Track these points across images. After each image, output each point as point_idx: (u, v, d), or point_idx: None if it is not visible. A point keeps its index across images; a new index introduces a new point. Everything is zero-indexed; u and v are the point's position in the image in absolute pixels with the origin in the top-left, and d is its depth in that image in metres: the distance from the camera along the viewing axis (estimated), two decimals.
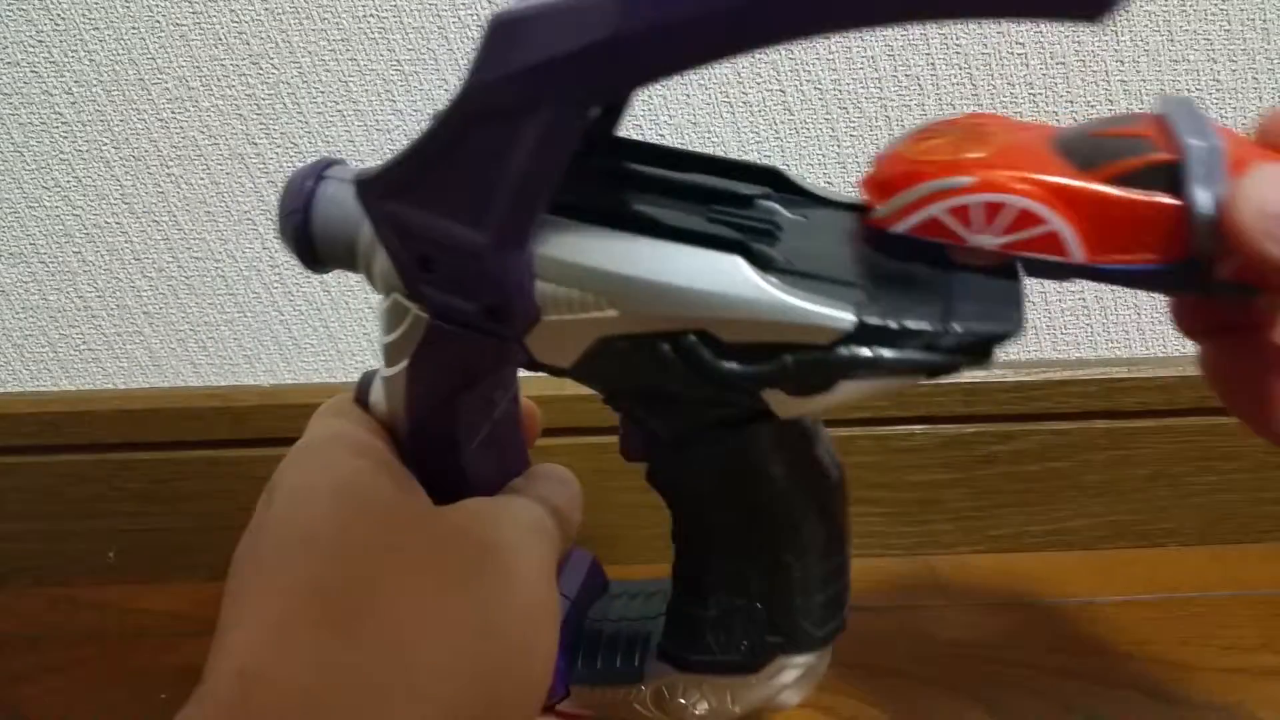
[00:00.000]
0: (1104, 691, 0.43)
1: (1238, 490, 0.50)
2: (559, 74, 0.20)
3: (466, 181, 0.22)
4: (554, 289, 0.23)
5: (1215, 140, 0.22)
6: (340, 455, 0.27)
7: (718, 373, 0.23)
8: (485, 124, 0.21)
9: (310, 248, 0.27)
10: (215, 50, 0.43)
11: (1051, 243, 0.22)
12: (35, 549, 0.53)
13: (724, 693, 0.30)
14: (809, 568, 0.28)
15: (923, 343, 0.22)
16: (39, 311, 0.49)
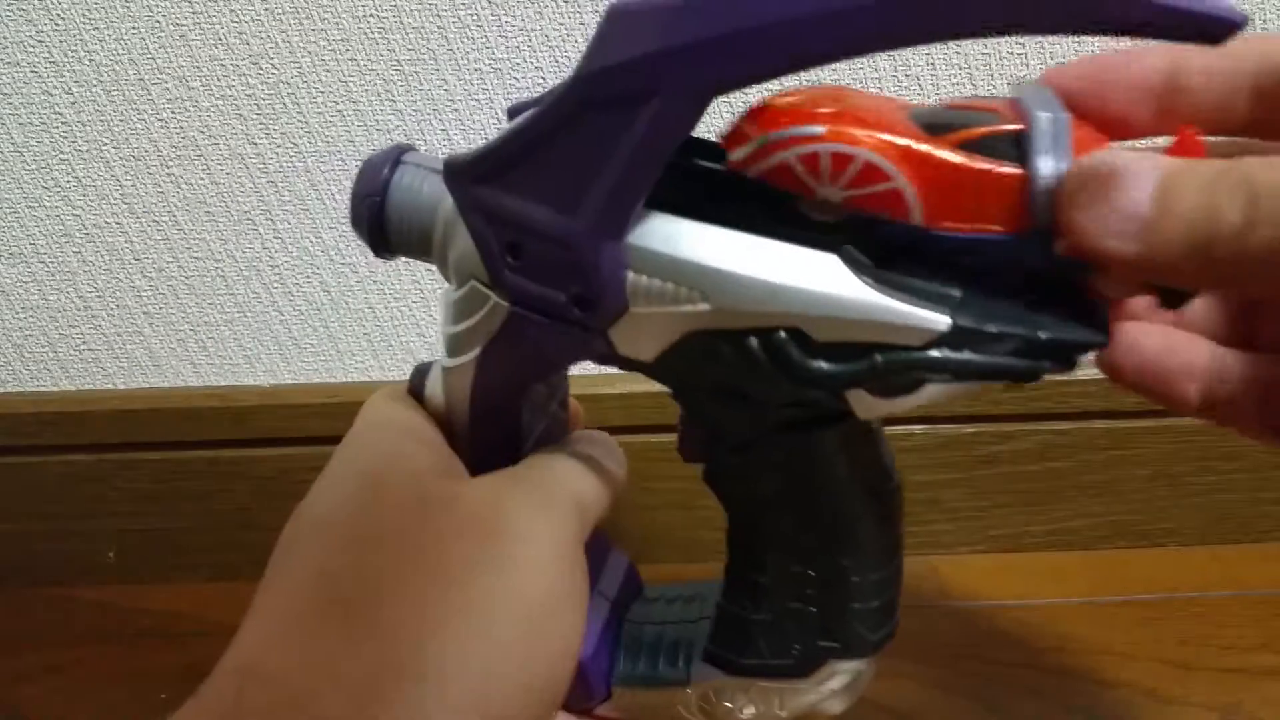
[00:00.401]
0: (1104, 691, 0.43)
1: (1238, 490, 0.50)
2: (679, 63, 0.20)
3: (569, 168, 0.22)
4: (645, 280, 0.23)
5: (1062, 115, 0.22)
6: (387, 438, 0.27)
7: (805, 371, 0.23)
8: (597, 111, 0.21)
9: (383, 233, 0.26)
10: (215, 50, 0.43)
11: (894, 200, 0.22)
12: (35, 549, 0.53)
13: (772, 698, 0.30)
14: (866, 573, 0.28)
15: (1011, 348, 0.22)
16: (39, 311, 0.49)
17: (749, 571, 0.29)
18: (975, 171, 0.22)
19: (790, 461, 0.27)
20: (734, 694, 0.30)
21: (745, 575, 0.29)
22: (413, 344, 0.49)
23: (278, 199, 0.46)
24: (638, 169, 0.21)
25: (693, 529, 0.50)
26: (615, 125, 0.21)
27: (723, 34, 0.19)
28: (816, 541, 0.28)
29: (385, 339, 0.49)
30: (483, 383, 0.27)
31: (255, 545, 0.52)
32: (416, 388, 0.29)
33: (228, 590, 0.52)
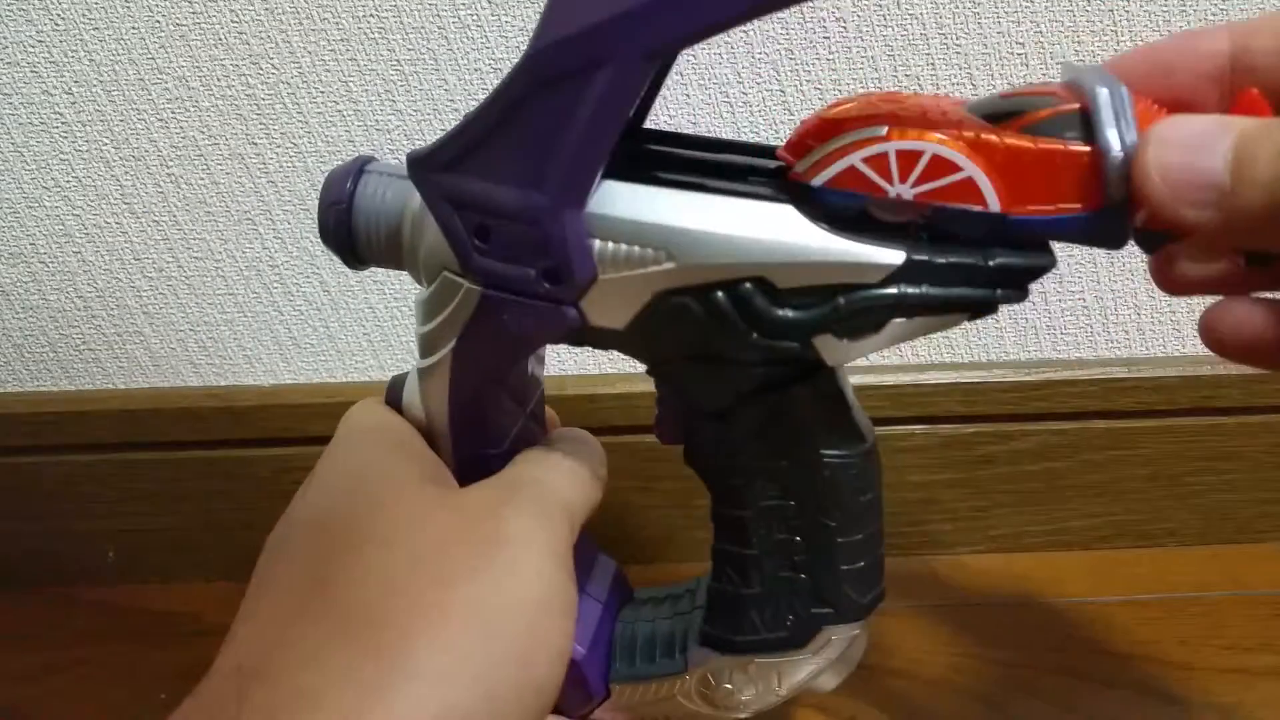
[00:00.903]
0: (1104, 691, 0.43)
1: (1238, 490, 0.50)
2: (626, 30, 0.20)
3: (527, 146, 0.22)
4: (612, 246, 0.24)
5: (1122, 89, 0.22)
6: (374, 446, 0.27)
7: (772, 320, 0.24)
8: (548, 87, 0.22)
9: (352, 243, 0.27)
10: (215, 50, 0.43)
11: (969, 190, 0.22)
12: (35, 549, 0.53)
13: (770, 673, 0.30)
14: (851, 532, 0.29)
15: (964, 276, 0.23)
16: (39, 311, 0.49)
17: (736, 546, 0.29)
18: (1046, 152, 0.22)
19: (768, 425, 0.27)
20: (732, 674, 0.31)
21: (733, 550, 0.30)
22: (412, 344, 0.49)
23: (278, 199, 0.46)
24: (595, 137, 0.22)
25: (692, 529, 0.50)
26: (569, 97, 0.21)
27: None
28: (800, 505, 0.28)
29: (385, 339, 0.49)
30: (460, 375, 0.27)
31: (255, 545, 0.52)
32: (394, 399, 0.30)
33: (228, 590, 0.51)
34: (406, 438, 0.28)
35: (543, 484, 0.27)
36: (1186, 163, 0.20)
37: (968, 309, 0.24)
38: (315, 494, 0.26)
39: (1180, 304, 0.48)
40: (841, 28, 0.42)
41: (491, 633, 0.23)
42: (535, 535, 0.25)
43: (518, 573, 0.24)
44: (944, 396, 0.48)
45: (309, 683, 0.22)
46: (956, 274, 0.23)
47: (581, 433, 0.31)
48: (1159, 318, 0.48)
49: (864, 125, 0.23)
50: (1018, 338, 0.49)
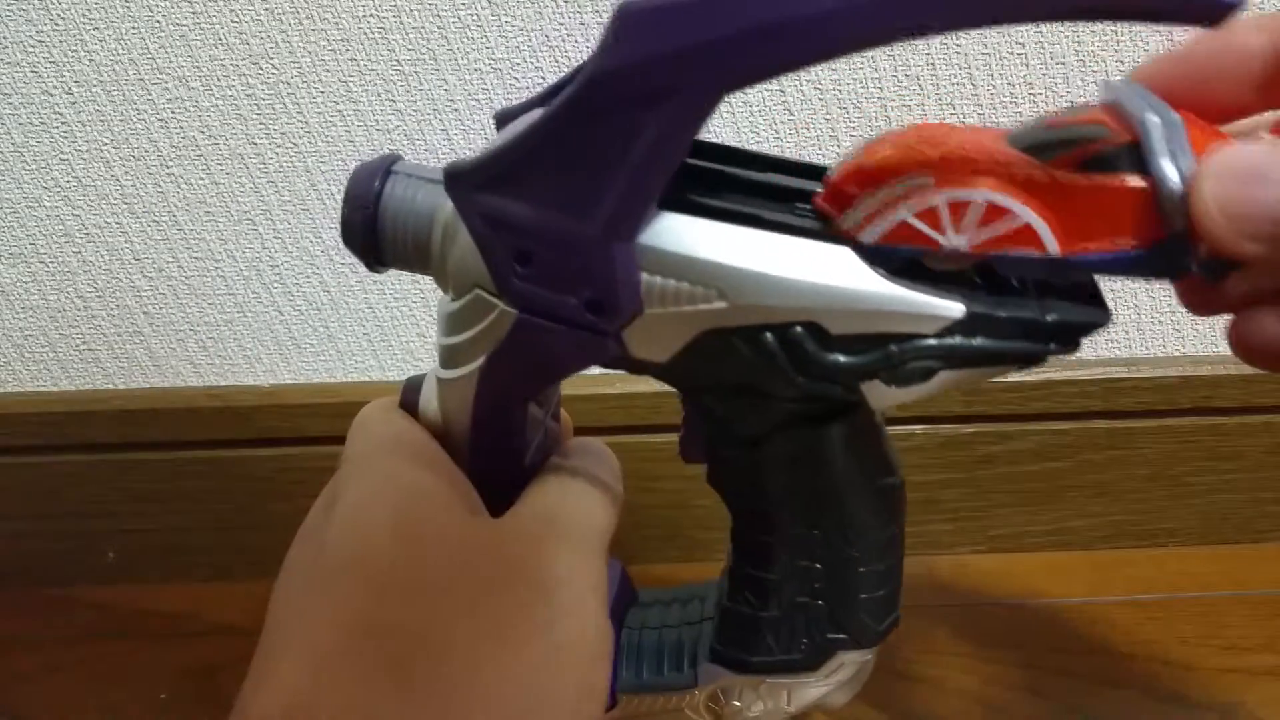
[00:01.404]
0: (1104, 691, 0.43)
1: (1238, 490, 0.50)
2: (705, 60, 0.20)
3: (580, 171, 0.22)
4: (660, 281, 0.23)
5: (1172, 115, 0.21)
6: (404, 467, 0.26)
7: (822, 365, 0.23)
8: (609, 113, 0.21)
9: (377, 247, 0.26)
10: (215, 50, 0.43)
11: (1026, 236, 0.22)
12: (35, 549, 0.53)
13: (781, 693, 0.30)
14: (872, 563, 0.28)
15: (1021, 330, 0.22)
16: (39, 311, 0.49)
17: (756, 569, 0.29)
18: (1100, 189, 0.21)
19: (799, 457, 0.27)
20: (742, 692, 0.31)
21: (752, 573, 0.29)
22: (413, 344, 0.49)
23: (278, 199, 0.46)
24: (653, 169, 0.21)
25: (692, 529, 0.50)
26: (631, 125, 0.21)
27: (744, 29, 0.19)
28: (824, 535, 0.28)
29: (385, 339, 0.49)
30: (487, 393, 0.26)
31: (255, 545, 0.52)
32: (409, 404, 0.29)
33: (228, 590, 0.52)
34: (437, 456, 0.27)
35: (579, 518, 0.26)
36: (1247, 195, 0.19)
37: (1020, 362, 0.23)
38: (353, 523, 0.25)
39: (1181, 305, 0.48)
40: None
41: (546, 688, 0.23)
42: (576, 574, 0.25)
43: (569, 625, 0.24)
44: (944, 396, 0.48)
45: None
46: (1014, 328, 0.22)
47: (598, 445, 0.31)
48: (1159, 318, 0.48)
49: (908, 173, 0.22)
50: None
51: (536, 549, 0.25)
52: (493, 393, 0.26)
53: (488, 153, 0.23)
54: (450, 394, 0.27)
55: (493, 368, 0.25)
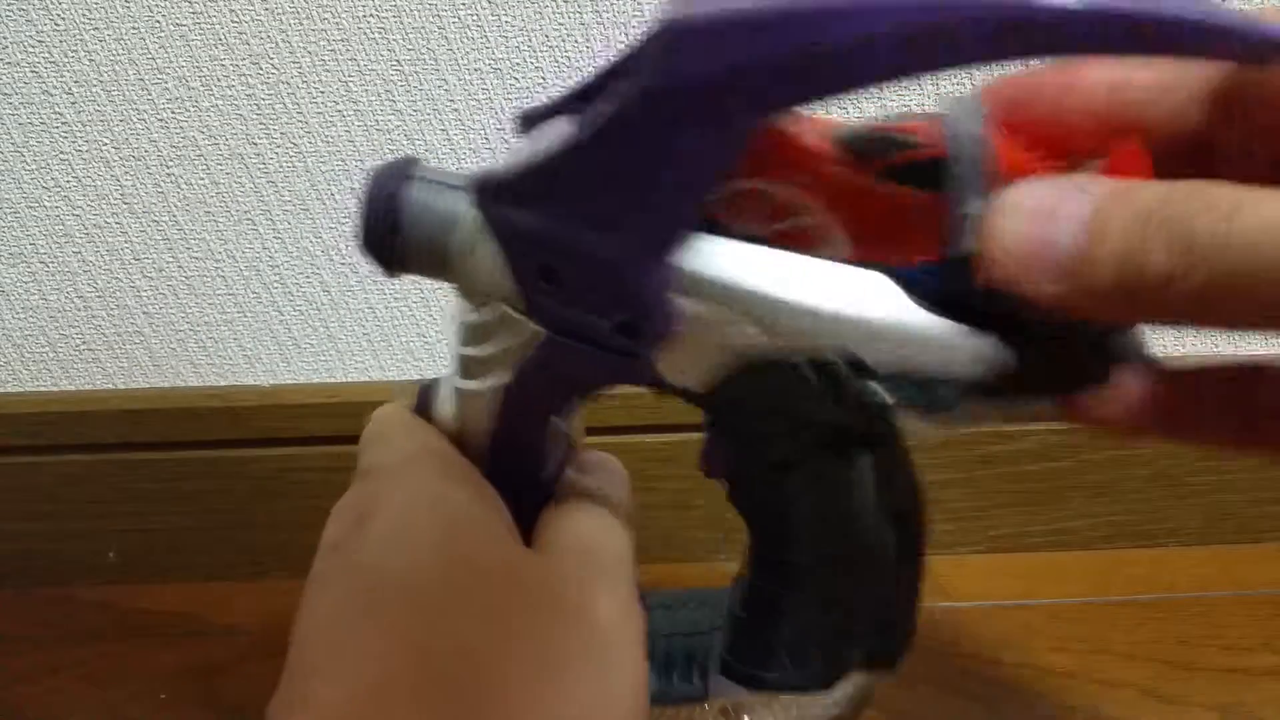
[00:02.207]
0: (1104, 691, 0.43)
1: (1238, 490, 0.50)
2: (753, 82, 0.19)
3: (618, 189, 0.21)
4: (694, 305, 0.22)
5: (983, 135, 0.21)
6: (444, 485, 0.25)
7: (861, 397, 0.22)
8: (649, 131, 0.20)
9: (396, 253, 0.25)
10: (215, 50, 0.43)
11: (817, 236, 0.22)
12: (35, 549, 0.53)
13: (791, 710, 0.30)
14: (892, 588, 0.28)
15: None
16: (39, 311, 0.49)
17: (774, 587, 0.29)
18: (894, 199, 0.21)
19: (826, 483, 0.26)
20: (755, 709, 0.30)
21: (769, 591, 0.29)
22: (413, 344, 0.49)
23: (278, 199, 0.46)
24: (694, 190, 0.20)
25: (691, 529, 0.50)
26: (674, 144, 0.20)
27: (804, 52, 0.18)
28: (846, 560, 0.27)
29: (385, 339, 0.49)
30: (511, 409, 0.26)
31: (255, 545, 0.52)
32: (423, 409, 0.28)
33: (228, 590, 0.52)
34: (471, 474, 0.26)
35: (614, 555, 0.26)
36: (1034, 233, 0.18)
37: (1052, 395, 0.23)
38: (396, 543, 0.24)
39: None
40: None
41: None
42: (632, 629, 0.24)
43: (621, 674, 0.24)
44: None
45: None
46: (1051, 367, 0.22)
47: (614, 465, 0.30)
48: None
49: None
50: None
51: (585, 589, 0.24)
52: (518, 409, 0.26)
53: (519, 165, 0.22)
54: (469, 405, 0.27)
55: (519, 384, 0.25)
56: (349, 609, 0.23)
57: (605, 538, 0.27)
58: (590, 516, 0.27)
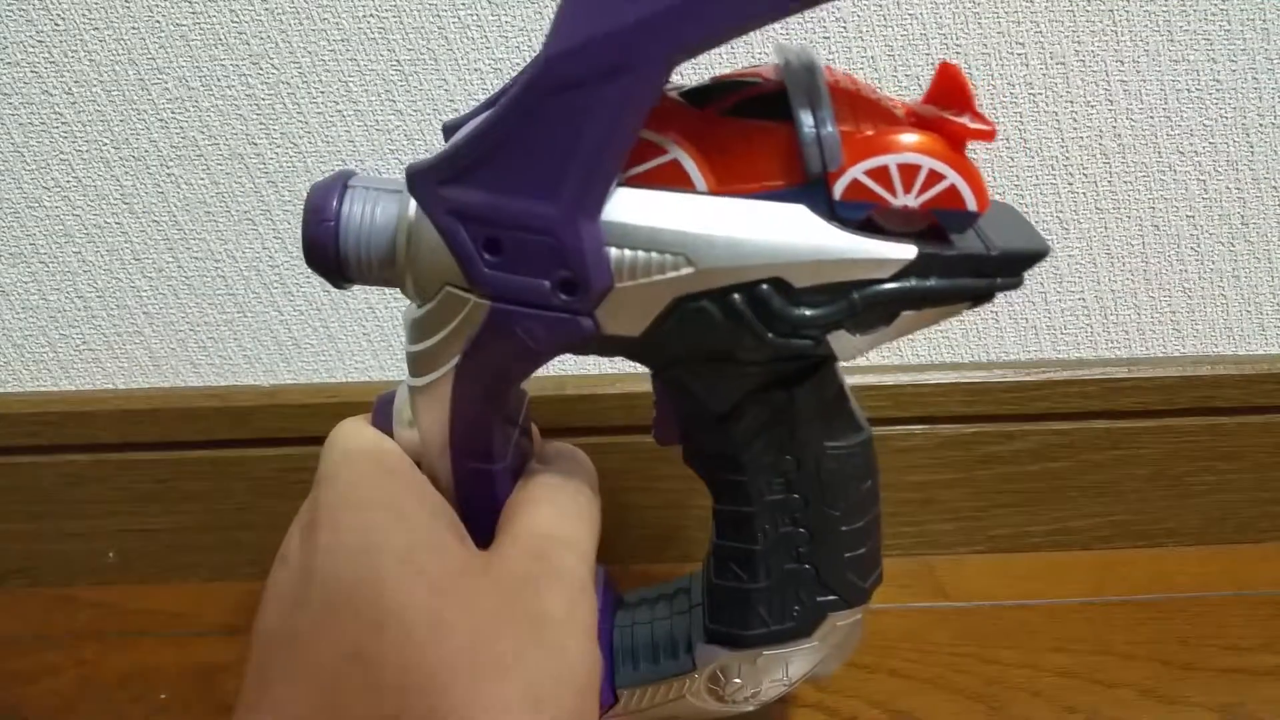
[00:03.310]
0: (1104, 691, 0.43)
1: (1238, 490, 0.50)
2: (649, 34, 0.20)
3: (542, 154, 0.22)
4: (629, 254, 0.23)
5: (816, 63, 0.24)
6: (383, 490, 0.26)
7: (790, 319, 0.24)
8: (563, 94, 0.22)
9: (340, 263, 0.26)
10: (215, 50, 0.43)
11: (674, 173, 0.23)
12: (35, 549, 0.53)
13: (778, 664, 0.31)
14: (853, 519, 0.29)
15: (970, 266, 0.24)
16: (39, 311, 0.49)
17: (741, 542, 0.30)
18: (745, 130, 0.23)
19: (772, 422, 0.28)
20: (741, 668, 0.31)
21: (738, 547, 0.30)
22: None
23: (278, 199, 0.46)
24: (613, 144, 0.22)
25: (692, 529, 0.50)
26: (586, 104, 0.21)
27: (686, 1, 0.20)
28: (804, 498, 0.29)
29: (385, 339, 0.49)
30: (463, 391, 0.27)
31: (255, 545, 0.52)
32: (384, 418, 0.29)
33: (228, 590, 0.52)
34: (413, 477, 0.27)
35: (569, 547, 0.27)
36: None
37: (972, 298, 0.24)
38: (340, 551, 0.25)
39: (1180, 304, 0.48)
40: (841, 28, 0.42)
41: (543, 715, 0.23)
42: (575, 620, 0.25)
43: (564, 657, 0.24)
44: (944, 396, 0.48)
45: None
46: (964, 264, 0.24)
47: (574, 451, 0.31)
48: (1159, 318, 0.48)
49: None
50: (1018, 338, 0.49)
51: (531, 587, 0.25)
52: (470, 388, 0.27)
53: (449, 148, 0.24)
54: (425, 400, 0.27)
55: (468, 362, 0.26)
56: (302, 618, 0.24)
57: (561, 529, 0.27)
58: (548, 509, 0.28)
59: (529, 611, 0.24)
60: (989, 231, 0.25)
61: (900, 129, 0.23)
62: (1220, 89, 0.44)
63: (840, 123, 0.23)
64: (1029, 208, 0.46)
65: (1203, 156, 0.45)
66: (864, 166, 0.23)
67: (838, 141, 0.23)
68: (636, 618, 0.33)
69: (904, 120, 0.24)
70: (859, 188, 0.23)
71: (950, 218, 0.23)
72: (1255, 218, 0.46)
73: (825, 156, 0.23)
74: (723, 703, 0.32)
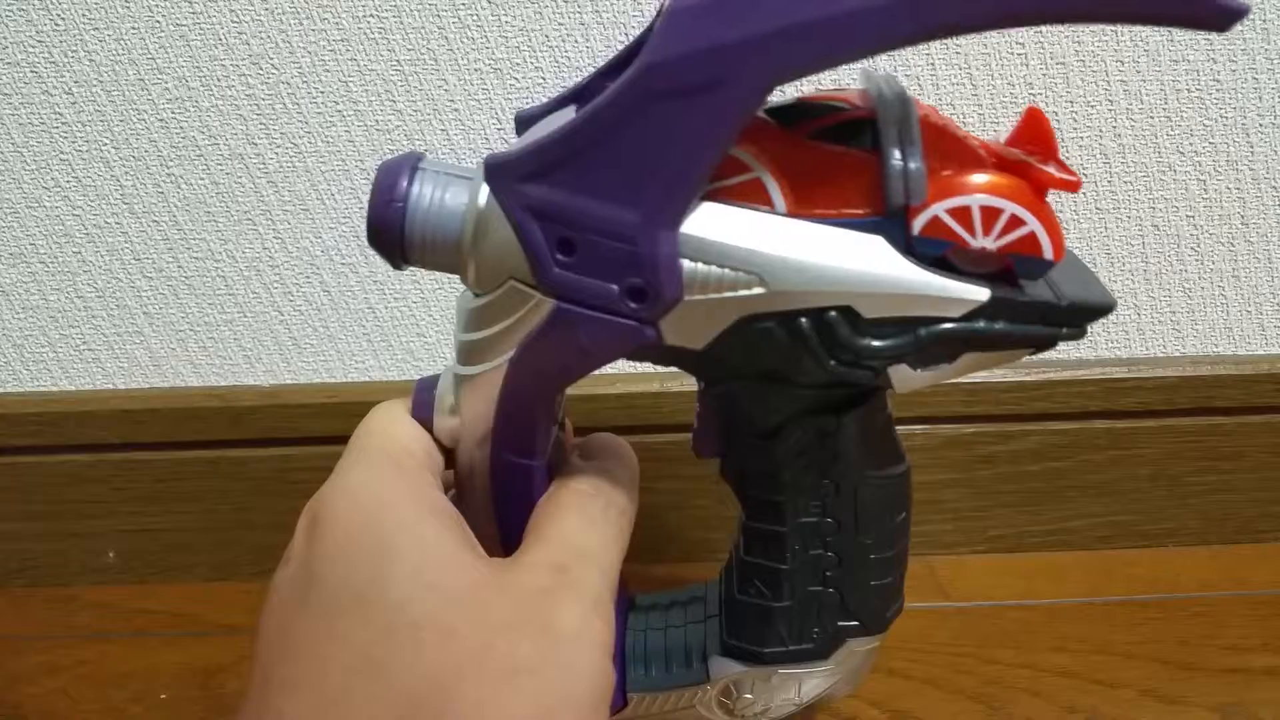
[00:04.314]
0: (1104, 691, 0.43)
1: (1238, 490, 0.50)
2: (756, 52, 0.20)
3: (628, 160, 0.22)
4: (702, 268, 0.23)
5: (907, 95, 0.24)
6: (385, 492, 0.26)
7: (854, 348, 0.24)
8: (659, 103, 0.22)
9: (403, 247, 0.26)
10: (215, 50, 0.43)
11: (756, 192, 0.24)
12: (35, 549, 0.53)
13: (791, 683, 0.31)
14: (883, 549, 0.29)
15: (1039, 314, 0.24)
16: (39, 311, 0.49)
17: (770, 560, 0.29)
18: (829, 155, 0.23)
19: (816, 445, 0.27)
20: (754, 685, 0.31)
21: (764, 564, 0.29)
22: (412, 344, 0.49)
23: (278, 199, 0.46)
24: (702, 157, 0.22)
25: (691, 529, 0.50)
26: (680, 115, 0.21)
27: (789, 25, 0.20)
28: (839, 523, 0.28)
29: (385, 339, 0.49)
30: (514, 386, 0.26)
31: (255, 545, 0.52)
32: (423, 403, 0.28)
33: (228, 590, 0.52)
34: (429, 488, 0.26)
35: (590, 557, 0.26)
36: None
37: (1036, 345, 0.24)
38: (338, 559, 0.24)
39: (1180, 304, 0.48)
40: None
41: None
42: (591, 637, 0.25)
43: (576, 668, 0.24)
44: (944, 396, 0.48)
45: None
46: (1033, 311, 0.23)
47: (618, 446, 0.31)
48: (1159, 318, 0.48)
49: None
50: None
51: (547, 600, 0.25)
52: (523, 383, 0.26)
53: (532, 144, 0.23)
54: (472, 390, 0.27)
55: (525, 357, 0.26)
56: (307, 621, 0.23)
57: (586, 540, 0.27)
58: (575, 518, 0.27)
59: (542, 624, 0.24)
60: (1058, 281, 0.24)
61: (985, 170, 0.23)
62: (1220, 89, 0.44)
63: (926, 157, 0.23)
64: None
65: (1203, 156, 0.45)
66: (946, 205, 0.23)
67: (924, 176, 0.22)
68: (650, 622, 0.33)
69: (988, 161, 0.23)
70: (939, 225, 0.23)
71: (1026, 264, 0.23)
72: (1255, 218, 0.46)
73: (910, 190, 0.22)
74: (731, 716, 0.32)
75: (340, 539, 0.24)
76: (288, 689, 0.23)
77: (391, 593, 0.23)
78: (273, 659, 0.24)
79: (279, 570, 0.26)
